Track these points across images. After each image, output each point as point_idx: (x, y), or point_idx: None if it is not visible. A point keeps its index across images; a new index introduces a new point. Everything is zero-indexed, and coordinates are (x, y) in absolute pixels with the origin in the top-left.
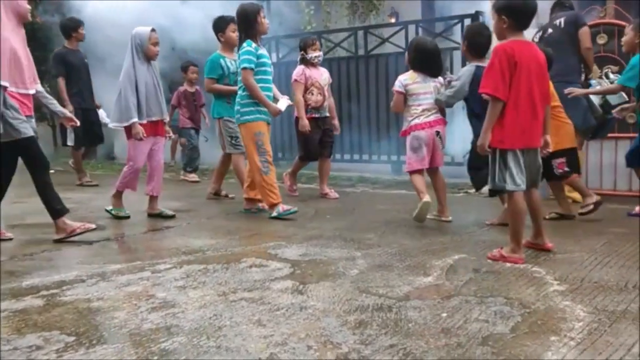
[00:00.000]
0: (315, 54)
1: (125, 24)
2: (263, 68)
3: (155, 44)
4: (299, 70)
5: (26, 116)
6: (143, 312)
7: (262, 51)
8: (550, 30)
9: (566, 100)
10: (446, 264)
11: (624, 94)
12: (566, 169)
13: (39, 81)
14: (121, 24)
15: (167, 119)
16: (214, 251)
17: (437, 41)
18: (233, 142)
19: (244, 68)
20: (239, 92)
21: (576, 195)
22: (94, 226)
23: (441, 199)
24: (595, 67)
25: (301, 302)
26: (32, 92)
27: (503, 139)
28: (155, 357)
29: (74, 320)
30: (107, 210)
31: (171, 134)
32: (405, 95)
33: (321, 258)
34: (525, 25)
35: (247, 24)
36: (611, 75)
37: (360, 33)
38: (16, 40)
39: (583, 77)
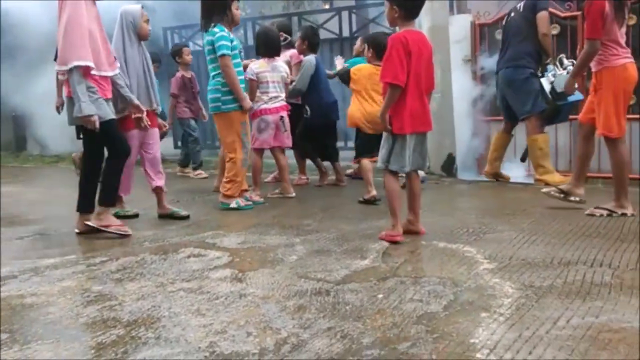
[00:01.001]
0: None
1: None
2: (236, 60)
3: (147, 21)
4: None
5: (105, 99)
6: (78, 306)
7: (236, 41)
8: (512, 14)
9: (518, 84)
10: (382, 246)
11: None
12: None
13: (118, 64)
14: None
15: (158, 109)
16: (151, 242)
17: (371, 27)
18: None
19: (223, 55)
20: (217, 79)
21: (554, 178)
22: (128, 231)
23: (285, 177)
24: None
25: (240, 290)
26: (110, 74)
27: (396, 124)
28: (93, 351)
29: (7, 317)
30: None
31: (167, 126)
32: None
33: (260, 245)
34: (414, 14)
35: (220, 9)
36: (565, 61)
37: (295, 19)
38: (90, 19)
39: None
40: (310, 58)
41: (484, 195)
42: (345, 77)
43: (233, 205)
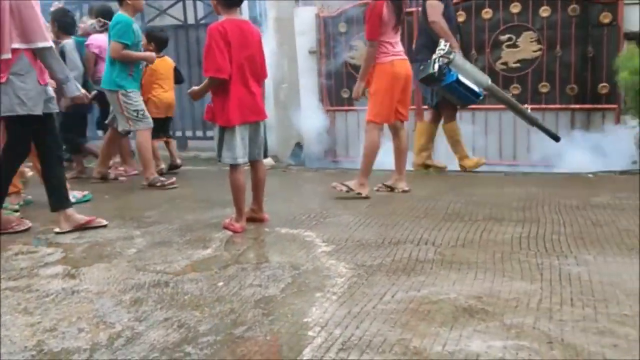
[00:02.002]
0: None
1: None
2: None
3: None
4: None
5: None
6: None
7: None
8: (421, 8)
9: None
10: (226, 235)
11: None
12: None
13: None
14: None
15: None
16: None
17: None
18: (139, 116)
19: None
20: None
21: (469, 163)
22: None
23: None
24: None
25: (73, 286)
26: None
27: (222, 116)
28: None
29: None
30: None
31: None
32: None
33: (97, 240)
34: (235, 3)
35: None
36: (442, 44)
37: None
38: None
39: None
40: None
41: (328, 182)
42: None
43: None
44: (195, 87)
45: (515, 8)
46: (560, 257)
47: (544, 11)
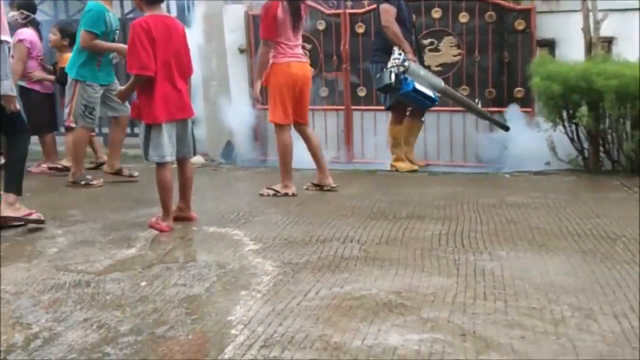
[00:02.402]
0: None
1: None
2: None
3: None
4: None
5: None
6: None
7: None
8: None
9: (374, 80)
10: (152, 234)
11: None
12: None
13: None
14: None
15: None
16: None
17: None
18: (86, 113)
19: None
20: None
21: (401, 165)
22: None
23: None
24: None
25: None
26: None
27: (148, 114)
28: None
29: None
30: None
31: None
32: None
33: (17, 239)
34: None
35: None
36: (396, 52)
37: None
38: None
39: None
40: None
41: (259, 180)
42: None
43: None
44: (121, 89)
45: (436, 13)
46: (476, 253)
47: (463, 17)
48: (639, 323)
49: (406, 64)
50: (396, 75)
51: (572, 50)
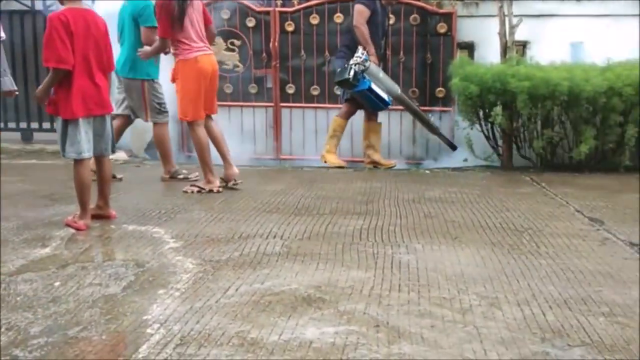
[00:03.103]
0: None
1: None
2: None
3: None
4: None
5: None
6: None
7: None
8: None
9: (337, 73)
10: (68, 233)
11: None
12: None
13: None
14: None
15: None
16: None
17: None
18: (161, 108)
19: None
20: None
21: (331, 158)
22: None
23: None
24: None
25: None
26: None
27: (65, 108)
28: None
29: None
30: None
31: None
32: None
33: None
34: None
35: None
36: (359, 51)
37: None
38: None
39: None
40: None
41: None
42: None
43: None
44: (39, 88)
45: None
46: (394, 246)
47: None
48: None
49: (367, 64)
50: (355, 72)
51: (490, 53)
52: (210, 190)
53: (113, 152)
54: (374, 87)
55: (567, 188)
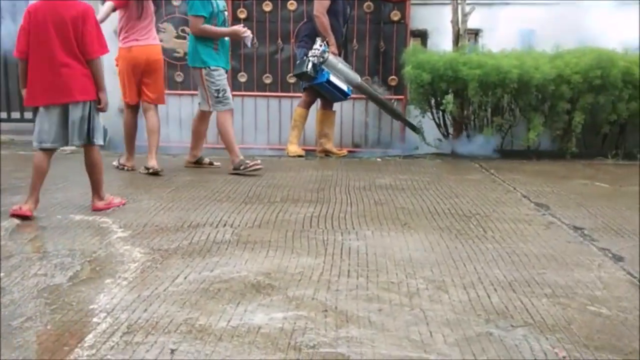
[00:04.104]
0: None
1: None
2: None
3: None
4: None
5: None
6: None
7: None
8: None
9: (296, 64)
10: (13, 224)
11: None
12: None
13: None
14: None
15: None
16: None
17: None
18: (220, 96)
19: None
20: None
21: (290, 148)
22: None
23: None
24: None
25: None
26: None
27: (26, 97)
28: None
29: None
30: None
31: None
32: None
33: None
34: None
35: None
36: (318, 42)
37: None
38: None
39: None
40: None
41: (138, 166)
42: None
43: None
44: None
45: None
46: (344, 233)
47: None
48: None
49: (325, 55)
50: (314, 64)
51: (443, 41)
52: (124, 167)
53: (91, 142)
54: (332, 78)
55: (515, 174)
